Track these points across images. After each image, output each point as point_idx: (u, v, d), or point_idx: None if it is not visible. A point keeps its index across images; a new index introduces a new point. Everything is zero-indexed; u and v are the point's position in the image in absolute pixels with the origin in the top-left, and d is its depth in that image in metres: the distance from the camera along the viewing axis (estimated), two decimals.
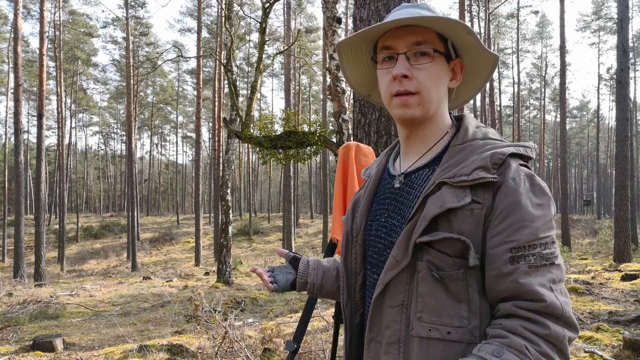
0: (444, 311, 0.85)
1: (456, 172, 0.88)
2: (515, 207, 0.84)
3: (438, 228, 0.86)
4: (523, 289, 0.81)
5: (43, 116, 15.42)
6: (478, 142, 0.94)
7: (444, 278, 0.85)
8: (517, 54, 34.86)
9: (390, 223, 0.98)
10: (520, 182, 0.86)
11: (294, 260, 1.24)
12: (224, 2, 12.29)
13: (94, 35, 37.14)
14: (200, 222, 21.11)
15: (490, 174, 0.86)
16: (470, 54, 1.01)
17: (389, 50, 0.96)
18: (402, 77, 0.93)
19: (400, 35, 0.94)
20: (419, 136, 1.00)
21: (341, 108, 6.37)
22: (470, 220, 0.85)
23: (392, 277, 0.90)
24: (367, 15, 3.18)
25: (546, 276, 0.82)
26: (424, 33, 0.94)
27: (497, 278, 0.83)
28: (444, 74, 0.97)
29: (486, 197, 0.85)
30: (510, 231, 0.83)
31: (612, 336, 4.74)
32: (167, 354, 4.79)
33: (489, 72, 1.04)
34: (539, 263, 0.82)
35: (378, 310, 0.93)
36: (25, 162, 20.43)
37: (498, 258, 0.83)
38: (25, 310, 8.42)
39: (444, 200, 0.86)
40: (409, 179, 0.99)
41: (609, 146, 47.68)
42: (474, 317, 0.85)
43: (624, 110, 11.85)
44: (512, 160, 0.88)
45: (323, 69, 22.97)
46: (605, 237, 19.89)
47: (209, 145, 46.02)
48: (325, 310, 7.14)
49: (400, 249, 0.89)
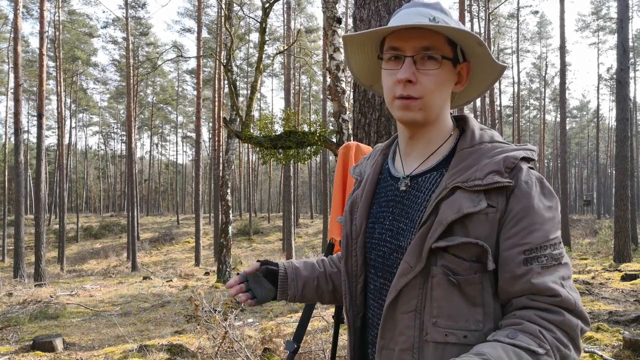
0: (460, 315, 0.85)
1: (469, 176, 0.88)
2: (528, 211, 0.85)
3: (454, 233, 0.86)
4: (537, 288, 0.82)
5: (43, 116, 15.42)
6: (487, 146, 0.94)
7: (460, 282, 0.85)
8: (517, 54, 34.84)
9: (397, 227, 0.96)
10: (533, 185, 0.87)
11: (269, 274, 1.16)
12: (224, 2, 12.29)
13: (94, 35, 37.14)
14: (200, 222, 21.10)
15: (504, 178, 0.86)
16: (478, 61, 0.99)
17: (396, 51, 0.93)
18: (406, 81, 0.91)
19: (409, 37, 0.92)
20: (423, 138, 0.99)
21: (341, 108, 6.37)
22: (485, 224, 0.85)
23: (406, 282, 0.89)
24: (367, 15, 3.18)
25: (557, 274, 0.84)
26: (434, 38, 0.91)
27: (511, 280, 0.84)
28: (450, 79, 0.96)
29: (500, 201, 0.86)
30: (524, 234, 0.84)
31: (612, 336, 4.74)
32: (167, 354, 4.79)
33: (494, 79, 1.03)
34: (550, 263, 0.84)
35: (391, 317, 0.91)
36: (25, 162, 20.43)
37: (512, 260, 0.84)
38: (25, 310, 8.42)
39: (460, 205, 0.85)
40: (415, 182, 0.98)
41: (609, 146, 47.67)
42: (488, 321, 0.86)
43: (624, 110, 11.85)
44: (523, 164, 0.89)
45: (323, 69, 22.97)
46: (605, 237, 19.89)
47: (209, 145, 46.02)
48: (325, 310, 7.13)
49: (413, 254, 0.88)
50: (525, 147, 0.92)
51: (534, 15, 40.85)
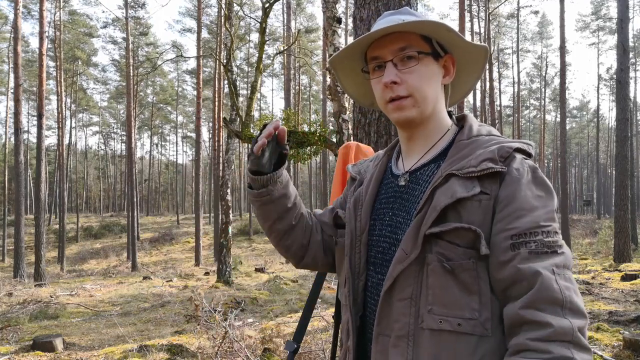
0: (455, 303, 0.86)
1: (464, 164, 0.90)
2: (515, 196, 0.85)
3: (447, 219, 0.87)
4: (522, 274, 0.80)
5: (43, 116, 15.42)
6: (483, 138, 0.97)
7: (455, 268, 0.86)
8: (517, 54, 34.87)
9: (395, 221, 0.99)
10: (524, 172, 0.88)
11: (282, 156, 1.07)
12: (224, 2, 12.29)
13: (94, 36, 37.15)
14: (200, 222, 21.10)
15: (497, 165, 0.88)
16: (459, 50, 1.02)
17: (377, 60, 0.99)
18: (392, 83, 0.96)
19: (386, 44, 0.98)
20: (421, 136, 1.03)
21: (341, 108, 6.37)
22: (479, 210, 0.87)
23: (401, 269, 0.90)
24: (367, 15, 3.18)
25: (549, 261, 0.80)
26: (407, 38, 0.97)
27: (499, 265, 0.84)
28: (435, 72, 0.99)
29: (493, 188, 0.87)
30: (511, 219, 0.84)
31: (612, 336, 4.74)
32: (167, 354, 4.80)
33: (482, 63, 1.06)
34: (540, 250, 0.81)
35: (387, 304, 0.92)
36: (25, 162, 20.42)
37: (499, 245, 0.84)
38: (25, 310, 8.42)
39: (453, 191, 0.87)
40: (414, 176, 1.00)
41: (609, 146, 47.66)
42: (484, 309, 0.85)
43: (624, 110, 11.85)
44: (517, 154, 0.91)
45: (323, 69, 22.97)
46: (605, 237, 19.88)
47: (209, 145, 45.97)
48: (325, 310, 7.14)
49: (409, 241, 0.90)
50: (522, 140, 0.95)
51: (535, 15, 40.94)
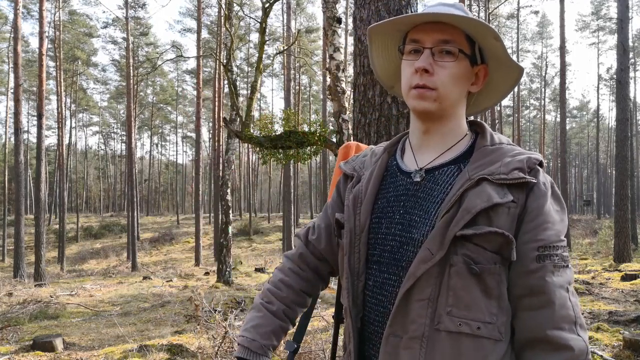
0: (476, 306, 0.87)
1: (493, 170, 0.92)
2: (543, 210, 0.90)
3: (477, 222, 0.88)
4: (544, 287, 0.87)
5: (43, 116, 15.42)
6: (507, 147, 0.99)
7: (482, 272, 0.87)
8: (517, 54, 34.84)
9: (409, 219, 0.96)
10: (548, 187, 0.93)
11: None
12: (224, 2, 12.29)
13: (94, 36, 37.16)
14: (200, 222, 21.10)
15: (527, 175, 0.91)
16: (496, 62, 1.02)
17: (416, 44, 0.98)
18: (423, 70, 0.95)
19: (429, 31, 0.97)
20: (439, 132, 1.01)
21: (341, 108, 6.37)
22: (506, 217, 0.89)
23: (425, 269, 0.89)
24: (367, 15, 3.18)
25: (565, 277, 0.89)
26: (453, 32, 0.96)
27: (524, 274, 0.88)
28: (466, 76, 0.99)
29: (520, 197, 0.90)
30: (539, 230, 0.89)
31: (612, 336, 4.74)
32: (167, 354, 4.80)
33: (512, 84, 1.05)
34: (560, 264, 0.89)
35: (405, 304, 0.91)
36: (25, 162, 20.41)
37: (527, 255, 0.88)
38: (25, 310, 8.41)
39: (489, 195, 0.88)
40: (431, 174, 0.99)
41: (609, 146, 47.67)
42: (502, 314, 0.88)
43: (624, 111, 11.86)
44: (540, 168, 0.95)
45: (323, 69, 22.96)
46: (605, 237, 19.88)
47: (209, 145, 45.99)
48: (325, 310, 7.13)
49: (435, 241, 0.88)
50: (536, 153, 0.98)
51: (535, 15, 40.98)
